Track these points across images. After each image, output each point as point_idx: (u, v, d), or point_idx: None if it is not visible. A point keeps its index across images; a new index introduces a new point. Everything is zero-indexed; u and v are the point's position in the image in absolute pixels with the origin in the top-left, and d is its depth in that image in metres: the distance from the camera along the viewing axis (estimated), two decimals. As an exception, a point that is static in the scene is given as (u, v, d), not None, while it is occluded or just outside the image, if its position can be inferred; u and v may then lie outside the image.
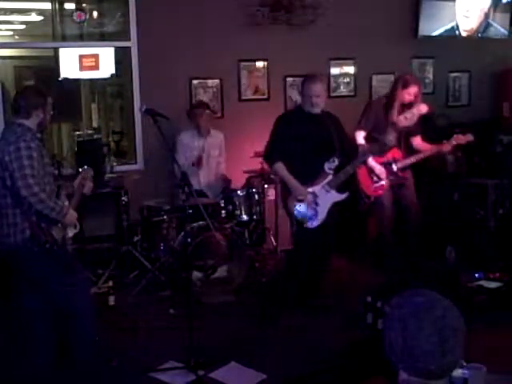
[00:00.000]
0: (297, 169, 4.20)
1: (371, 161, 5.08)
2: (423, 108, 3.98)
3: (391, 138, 4.19)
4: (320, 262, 4.50)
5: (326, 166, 4.20)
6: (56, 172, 3.53)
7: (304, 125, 4.24)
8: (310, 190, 4.18)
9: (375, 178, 5.14)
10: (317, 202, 4.19)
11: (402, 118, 4.01)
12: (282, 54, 6.15)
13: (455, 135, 5.08)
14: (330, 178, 4.21)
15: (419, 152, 5.16)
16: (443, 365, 1.51)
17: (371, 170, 5.12)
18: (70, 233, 3.51)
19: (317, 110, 4.23)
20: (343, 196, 4.26)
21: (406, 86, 4.98)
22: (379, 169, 5.10)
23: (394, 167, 5.14)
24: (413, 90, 4.97)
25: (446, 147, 5.10)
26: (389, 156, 5.14)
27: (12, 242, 3.30)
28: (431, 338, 1.48)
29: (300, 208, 4.18)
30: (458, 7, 6.84)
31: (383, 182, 5.13)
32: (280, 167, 4.22)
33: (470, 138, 5.07)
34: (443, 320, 1.50)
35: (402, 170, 5.17)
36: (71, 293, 3.42)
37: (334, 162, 4.20)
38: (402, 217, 5.29)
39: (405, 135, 5.16)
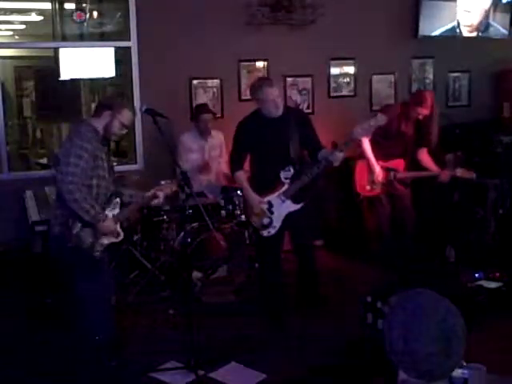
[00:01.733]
0: (257, 177, 4.28)
1: (374, 160, 5.08)
2: (381, 119, 3.93)
3: (359, 130, 4.10)
4: (305, 266, 4.52)
5: (282, 175, 4.16)
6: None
7: (260, 131, 4.20)
8: (266, 199, 4.20)
9: (371, 179, 5.16)
10: (272, 210, 4.20)
11: (358, 128, 3.98)
12: (281, 54, 6.14)
13: (459, 169, 5.09)
14: (285, 187, 4.17)
15: (422, 168, 5.21)
16: (446, 367, 1.51)
17: (370, 170, 5.13)
18: (106, 240, 3.47)
19: (280, 111, 4.17)
20: (298, 206, 4.22)
21: (420, 103, 5.01)
22: (379, 171, 5.11)
23: (393, 176, 5.17)
24: (424, 111, 5.01)
25: (445, 176, 5.10)
26: (393, 164, 5.17)
27: (51, 232, 3.50)
28: (435, 342, 1.47)
29: (255, 217, 4.23)
30: (459, 3, 6.83)
31: (376, 187, 5.17)
32: (239, 177, 4.28)
33: (472, 175, 5.07)
34: (445, 322, 1.49)
35: (400, 181, 5.20)
36: (86, 296, 3.48)
37: (289, 170, 4.15)
38: (397, 221, 5.34)
39: (412, 147, 5.18)
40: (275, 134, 4.15)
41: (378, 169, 5.11)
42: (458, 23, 6.87)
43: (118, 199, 3.51)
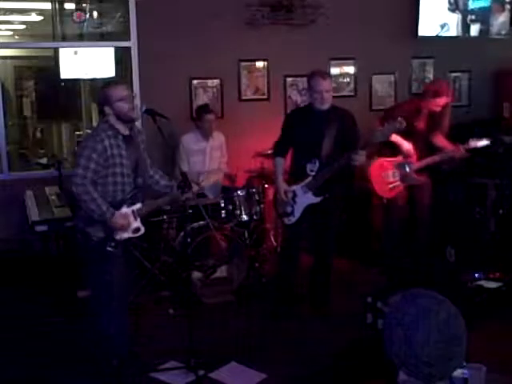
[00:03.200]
0: (292, 166, 4.44)
1: (384, 161, 5.06)
2: (400, 124, 3.92)
3: (379, 134, 4.11)
4: (318, 265, 4.51)
5: (308, 168, 4.26)
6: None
7: (302, 123, 4.31)
8: (292, 188, 4.32)
9: (389, 180, 5.08)
10: (295, 200, 4.32)
11: (378, 132, 3.99)
12: (282, 54, 6.14)
13: (471, 141, 4.96)
14: (309, 179, 4.26)
15: (435, 154, 5.07)
16: (447, 368, 1.51)
17: (384, 172, 5.07)
18: (122, 235, 3.45)
19: (326, 107, 4.21)
20: (317, 199, 4.27)
21: (437, 95, 4.90)
22: (392, 172, 5.06)
23: (408, 169, 5.07)
24: (442, 101, 4.90)
25: (460, 151, 4.97)
26: (403, 157, 5.10)
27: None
28: (437, 344, 1.47)
29: (280, 203, 4.39)
30: (459, 3, 6.84)
31: (398, 184, 5.07)
32: (276, 162, 4.45)
33: (485, 142, 4.95)
34: (447, 324, 1.49)
35: (417, 171, 5.09)
36: (98, 291, 3.54)
37: (314, 163, 4.23)
38: (413, 215, 5.26)
39: (423, 136, 5.09)
40: (313, 127, 4.24)
41: (391, 169, 5.05)
42: (458, 23, 6.87)
43: (140, 194, 3.50)
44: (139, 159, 3.53)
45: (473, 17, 6.93)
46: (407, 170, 5.07)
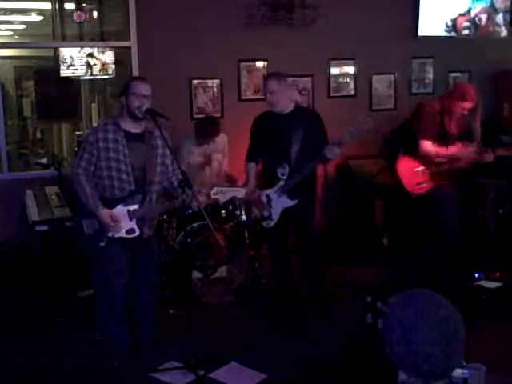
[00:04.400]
0: (262, 170, 4.48)
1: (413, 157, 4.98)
2: (367, 122, 3.87)
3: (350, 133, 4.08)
4: (305, 267, 4.50)
5: (278, 172, 4.25)
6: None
7: (266, 126, 4.33)
8: (265, 192, 4.33)
9: (418, 176, 4.97)
10: (271, 204, 4.32)
11: (348, 131, 3.95)
12: (282, 54, 6.14)
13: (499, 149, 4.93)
14: (281, 183, 4.25)
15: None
16: (446, 367, 1.51)
17: (414, 168, 4.97)
18: (110, 233, 3.45)
19: (274, 108, 4.23)
20: (293, 202, 4.26)
21: (463, 98, 4.74)
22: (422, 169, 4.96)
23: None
24: (468, 105, 4.75)
25: (489, 155, 4.86)
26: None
27: None
28: (435, 342, 1.47)
29: (256, 208, 4.44)
30: (458, 5, 6.84)
31: (425, 184, 4.96)
32: (248, 167, 4.51)
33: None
34: (446, 322, 1.49)
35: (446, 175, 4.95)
36: (95, 285, 3.65)
37: (284, 167, 4.23)
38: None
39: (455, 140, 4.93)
40: (279, 130, 4.23)
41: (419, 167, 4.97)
42: (457, 24, 6.88)
43: (140, 195, 3.48)
44: (149, 161, 3.49)
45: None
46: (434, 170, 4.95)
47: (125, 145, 3.40)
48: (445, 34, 6.79)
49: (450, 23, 6.82)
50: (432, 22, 6.71)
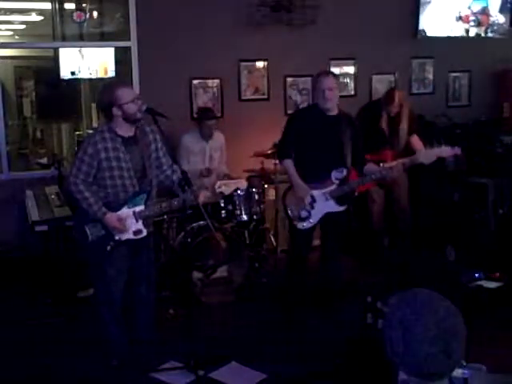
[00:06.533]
0: (304, 168, 4.19)
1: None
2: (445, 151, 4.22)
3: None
4: (327, 267, 4.47)
5: (333, 175, 4.13)
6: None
7: (318, 124, 4.16)
8: (311, 192, 4.16)
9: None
10: (313, 205, 4.17)
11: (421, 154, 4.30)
12: (282, 54, 6.15)
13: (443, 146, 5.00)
14: (333, 187, 4.14)
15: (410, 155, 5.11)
16: (446, 367, 1.51)
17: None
18: (117, 236, 3.44)
19: (329, 105, 4.11)
20: (341, 208, 4.20)
21: (388, 103, 5.15)
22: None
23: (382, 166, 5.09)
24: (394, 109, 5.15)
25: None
26: (380, 156, 5.10)
27: None
28: (436, 341, 1.47)
29: (294, 207, 4.20)
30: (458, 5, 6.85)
31: None
32: (288, 164, 4.23)
33: (457, 151, 5.02)
34: (446, 322, 1.49)
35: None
36: (95, 288, 3.65)
37: (342, 172, 4.12)
38: (392, 216, 5.35)
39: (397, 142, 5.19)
40: (331, 131, 4.11)
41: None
42: (457, 23, 6.88)
43: (143, 195, 3.48)
44: (147, 159, 3.50)
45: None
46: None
47: (124, 151, 3.41)
48: (449, 32, 6.79)
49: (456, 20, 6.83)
50: (432, 21, 6.72)
